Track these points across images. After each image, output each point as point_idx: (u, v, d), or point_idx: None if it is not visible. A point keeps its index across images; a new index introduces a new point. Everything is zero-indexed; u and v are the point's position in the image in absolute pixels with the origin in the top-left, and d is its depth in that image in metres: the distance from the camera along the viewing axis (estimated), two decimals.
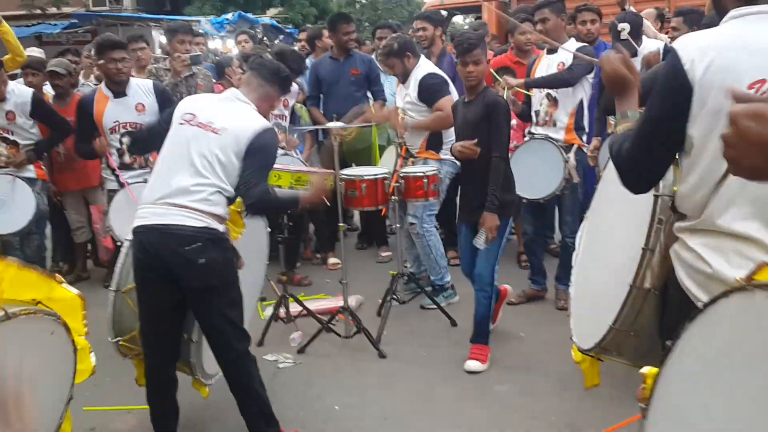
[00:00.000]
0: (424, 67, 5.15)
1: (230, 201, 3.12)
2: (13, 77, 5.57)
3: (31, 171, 5.13)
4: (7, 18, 5.52)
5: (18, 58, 5.17)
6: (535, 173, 4.77)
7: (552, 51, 4.79)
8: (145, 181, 4.50)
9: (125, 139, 4.66)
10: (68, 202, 5.86)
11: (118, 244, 4.45)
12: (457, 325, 4.71)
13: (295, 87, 5.67)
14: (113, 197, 4.78)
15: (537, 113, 4.88)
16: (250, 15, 18.09)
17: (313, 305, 4.92)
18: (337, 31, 6.21)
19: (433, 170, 4.78)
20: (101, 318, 3.28)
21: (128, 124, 4.72)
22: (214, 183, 3.02)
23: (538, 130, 4.89)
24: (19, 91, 5.15)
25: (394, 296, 4.84)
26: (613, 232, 2.65)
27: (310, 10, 27.02)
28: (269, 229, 3.98)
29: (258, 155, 3.07)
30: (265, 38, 13.39)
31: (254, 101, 3.24)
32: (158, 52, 12.21)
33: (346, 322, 4.47)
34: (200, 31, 11.02)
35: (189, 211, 2.97)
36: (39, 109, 5.14)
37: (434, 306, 4.88)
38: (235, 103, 3.22)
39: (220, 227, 3.08)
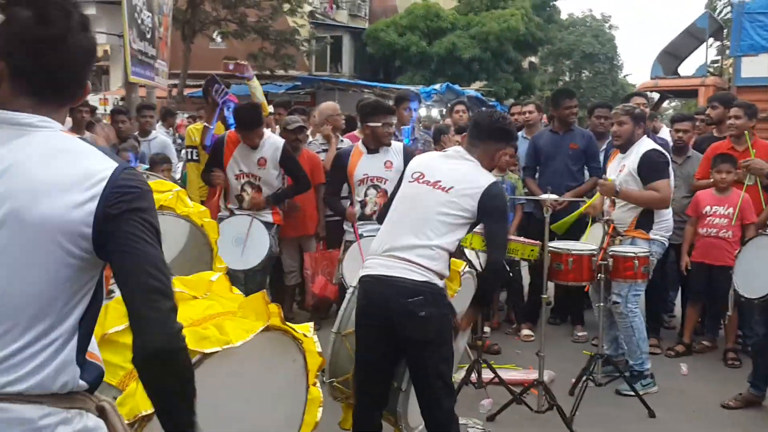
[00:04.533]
0: (649, 142, 5.01)
1: (452, 255, 3.23)
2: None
3: (268, 215, 5.38)
4: None
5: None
6: (759, 271, 4.41)
7: None
8: None
9: (371, 191, 4.98)
10: (285, 247, 6.22)
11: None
12: (655, 417, 4.49)
13: None
14: (348, 247, 5.02)
15: None
16: (457, 86, 18.75)
17: (506, 375, 4.90)
18: (560, 105, 6.31)
19: (646, 252, 4.64)
20: None
21: (376, 179, 4.99)
22: (438, 244, 3.13)
23: None
24: (273, 140, 5.44)
25: (591, 377, 4.69)
26: None
27: (515, 84, 27.56)
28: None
29: (493, 213, 3.22)
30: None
31: (477, 158, 3.33)
32: None
33: (539, 396, 4.40)
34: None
35: (413, 265, 3.09)
36: (287, 159, 5.41)
37: (632, 393, 4.67)
38: (460, 161, 3.33)
39: (440, 282, 3.17)
